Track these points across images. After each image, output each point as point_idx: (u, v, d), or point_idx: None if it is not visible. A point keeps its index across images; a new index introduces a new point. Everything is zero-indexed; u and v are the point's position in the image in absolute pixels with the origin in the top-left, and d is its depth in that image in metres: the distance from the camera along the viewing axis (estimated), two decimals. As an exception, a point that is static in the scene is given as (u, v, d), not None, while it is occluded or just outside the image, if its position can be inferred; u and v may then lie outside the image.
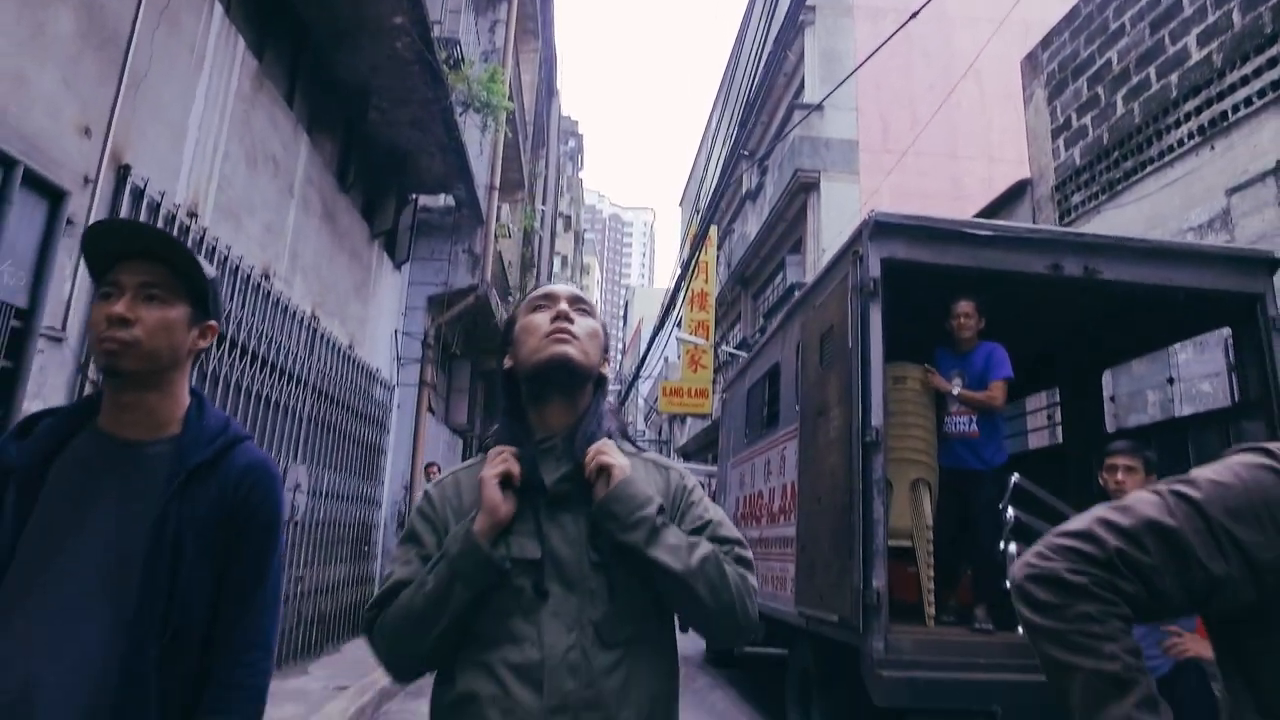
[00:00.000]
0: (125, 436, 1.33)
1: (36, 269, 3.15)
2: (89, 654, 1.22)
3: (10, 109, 2.95)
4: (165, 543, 1.26)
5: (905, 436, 4.21)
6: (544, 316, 1.32)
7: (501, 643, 1.20)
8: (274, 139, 5.43)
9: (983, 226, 4.10)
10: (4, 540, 1.23)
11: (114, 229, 1.42)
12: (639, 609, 1.25)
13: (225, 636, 1.31)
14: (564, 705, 1.15)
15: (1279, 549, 0.90)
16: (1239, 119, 5.88)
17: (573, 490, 1.27)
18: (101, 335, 1.27)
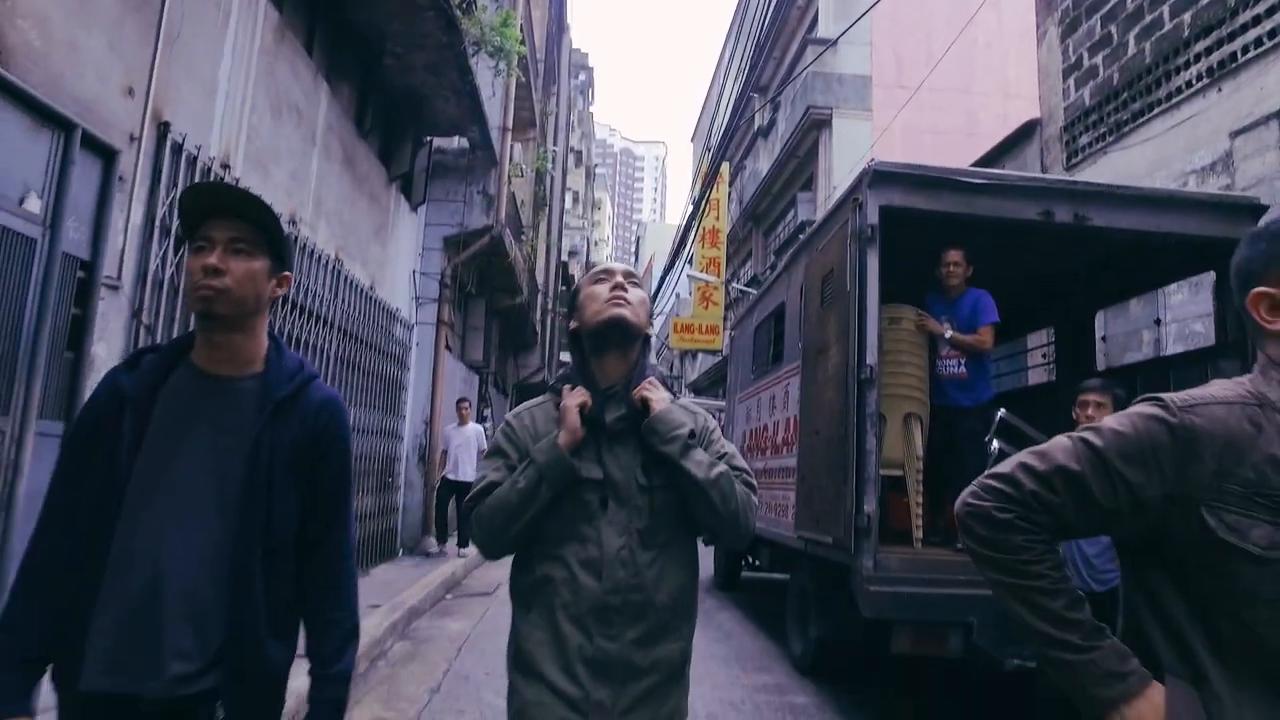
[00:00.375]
0: (216, 372, 1.50)
1: (95, 224, 3.42)
2: (204, 555, 1.41)
3: (66, 75, 3.18)
4: (260, 465, 1.46)
5: (899, 374, 4.48)
6: (603, 287, 1.68)
7: (570, 541, 1.59)
8: (296, 89, 5.61)
9: (976, 175, 4.29)
10: (126, 457, 1.42)
11: (206, 190, 1.56)
12: (671, 522, 1.64)
13: (317, 546, 1.53)
14: (616, 588, 1.56)
15: (1160, 488, 1.06)
16: (1248, 60, 5.92)
17: (626, 428, 1.64)
18: (197, 284, 1.44)
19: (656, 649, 1.59)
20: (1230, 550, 1.00)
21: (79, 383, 3.36)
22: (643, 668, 1.58)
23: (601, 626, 1.56)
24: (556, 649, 1.57)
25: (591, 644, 1.56)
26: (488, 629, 6.12)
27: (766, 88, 22.27)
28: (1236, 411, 1.05)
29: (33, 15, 2.99)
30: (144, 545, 1.39)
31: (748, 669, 5.18)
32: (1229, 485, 1.02)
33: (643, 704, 1.58)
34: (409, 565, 8.35)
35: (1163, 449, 1.06)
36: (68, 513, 1.41)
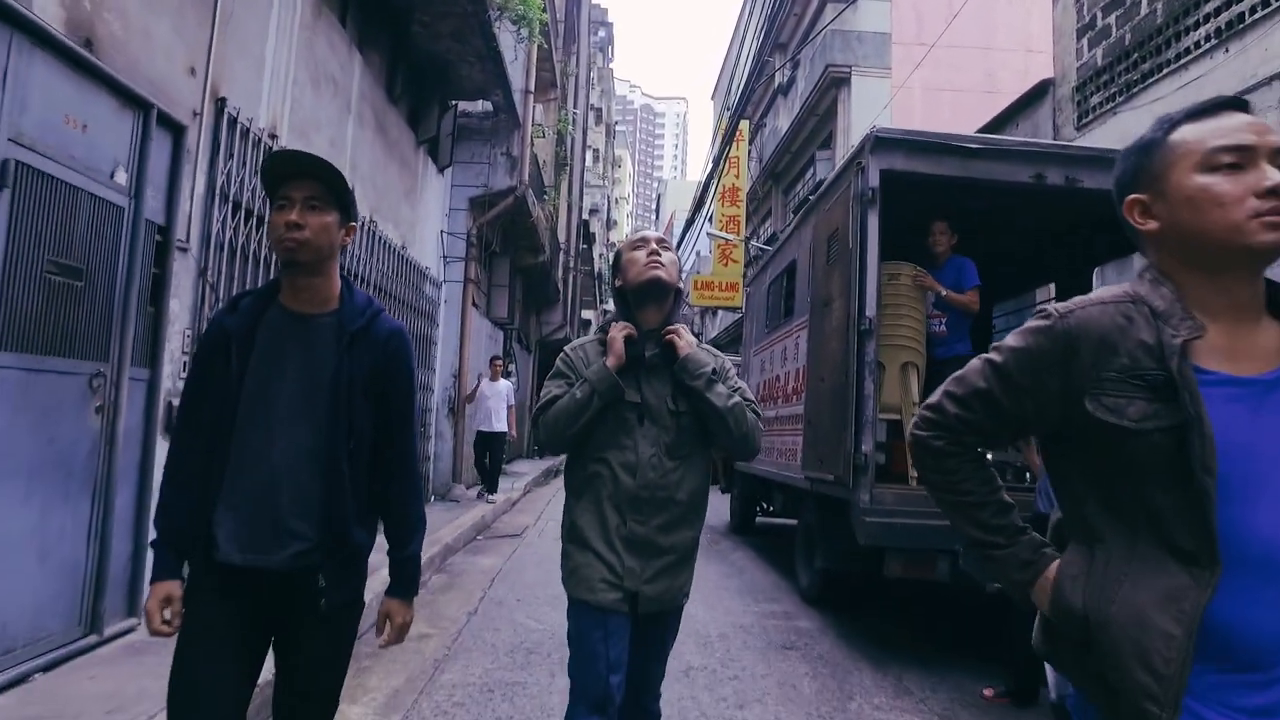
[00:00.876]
0: (301, 310, 1.78)
1: (168, 192, 3.82)
2: (302, 453, 1.71)
3: (141, 60, 3.55)
4: (341, 387, 1.74)
5: (897, 326, 4.81)
6: (641, 253, 2.12)
7: (613, 448, 2.06)
8: (333, 61, 5.94)
9: (972, 140, 4.56)
10: (235, 381, 1.72)
11: (285, 157, 1.77)
12: (691, 440, 2.11)
13: (388, 449, 1.83)
14: (646, 485, 2.03)
15: (1055, 386, 1.18)
16: (1256, 20, 6.05)
17: (661, 364, 2.09)
18: (282, 237, 1.69)
19: (674, 535, 2.07)
20: (1111, 428, 1.11)
21: (160, 334, 3.80)
22: (664, 547, 2.06)
23: (634, 514, 2.04)
24: (601, 527, 2.05)
25: (626, 526, 2.04)
26: (517, 565, 6.62)
27: (786, 45, 22.13)
28: (1110, 309, 1.17)
29: (115, 8, 3.35)
30: (256, 450, 1.71)
31: (759, 599, 5.63)
32: (1106, 373, 1.13)
33: (662, 575, 2.06)
34: (440, 509, 8.88)
35: (1050, 352, 1.18)
36: (196, 427, 1.76)
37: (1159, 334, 1.11)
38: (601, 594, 2.04)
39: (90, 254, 3.26)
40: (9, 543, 2.87)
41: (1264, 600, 1.04)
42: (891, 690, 3.80)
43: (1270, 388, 1.09)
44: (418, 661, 3.96)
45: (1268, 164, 1.09)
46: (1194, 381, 1.07)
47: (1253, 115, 1.15)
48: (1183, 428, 1.06)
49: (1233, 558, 1.05)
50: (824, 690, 3.76)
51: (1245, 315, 1.13)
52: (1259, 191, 1.07)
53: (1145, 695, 1.05)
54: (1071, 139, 8.52)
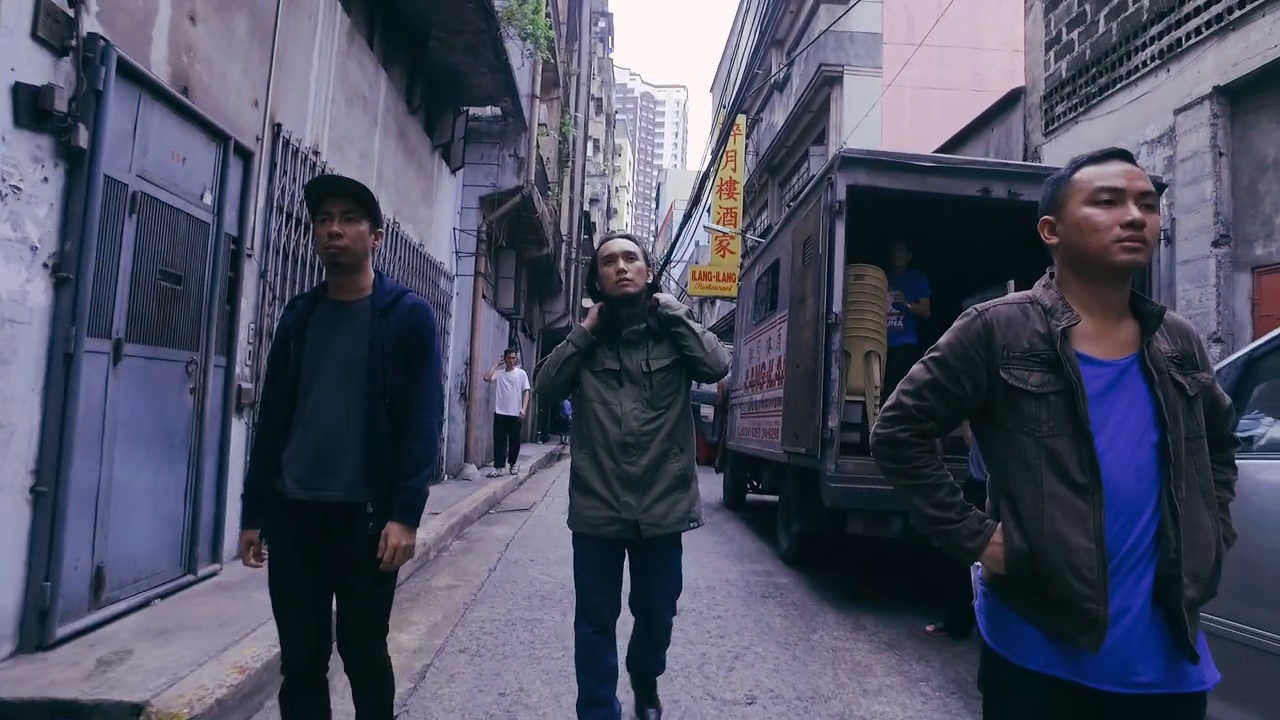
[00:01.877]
0: (343, 299, 2.19)
1: (240, 209, 4.52)
2: (348, 414, 2.11)
3: (221, 99, 4.24)
4: (376, 351, 2.12)
5: (861, 319, 5.52)
6: (611, 269, 2.64)
7: (602, 404, 2.63)
8: (362, 80, 6.62)
9: (926, 159, 5.26)
10: (295, 361, 2.15)
11: (325, 181, 2.22)
12: (667, 394, 2.65)
13: (411, 397, 2.16)
14: (631, 432, 2.59)
15: (982, 365, 1.46)
16: (1190, 46, 6.72)
17: (636, 339, 2.65)
18: (326, 245, 2.10)
19: (661, 469, 2.61)
20: (1019, 392, 1.42)
21: (234, 328, 4.51)
22: (653, 480, 2.59)
23: (624, 456, 2.59)
24: (597, 470, 2.62)
25: (618, 467, 2.59)
26: (527, 533, 7.36)
27: (783, 41, 22.69)
28: (1014, 307, 1.49)
29: (203, 58, 4.04)
30: (312, 411, 2.13)
31: (744, 561, 6.37)
32: (1013, 352, 1.44)
33: (658, 503, 2.59)
34: (454, 487, 9.61)
35: (975, 339, 1.48)
36: (271, 400, 2.21)
37: (1048, 324, 1.43)
38: (601, 527, 2.58)
39: (185, 263, 3.96)
40: (135, 496, 3.60)
41: (1110, 517, 1.36)
42: (850, 627, 4.54)
43: (1123, 370, 1.41)
44: (450, 604, 4.70)
45: (1133, 203, 1.39)
46: (1074, 358, 1.40)
47: (1132, 165, 1.44)
48: (1069, 390, 1.38)
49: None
50: (793, 627, 4.50)
51: (1111, 314, 1.44)
52: (1122, 223, 1.37)
53: (1083, 598, 1.32)
54: (1040, 145, 9.21)
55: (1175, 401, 1.40)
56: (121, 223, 3.39)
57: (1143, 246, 1.38)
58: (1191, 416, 1.42)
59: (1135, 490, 1.36)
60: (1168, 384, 1.40)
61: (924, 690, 3.50)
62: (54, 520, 3.00)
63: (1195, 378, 1.45)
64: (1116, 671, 1.34)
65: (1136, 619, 1.34)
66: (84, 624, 3.17)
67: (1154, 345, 1.43)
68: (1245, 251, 6.24)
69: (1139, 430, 1.38)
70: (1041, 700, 1.38)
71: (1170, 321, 1.48)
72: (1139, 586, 1.35)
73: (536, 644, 3.99)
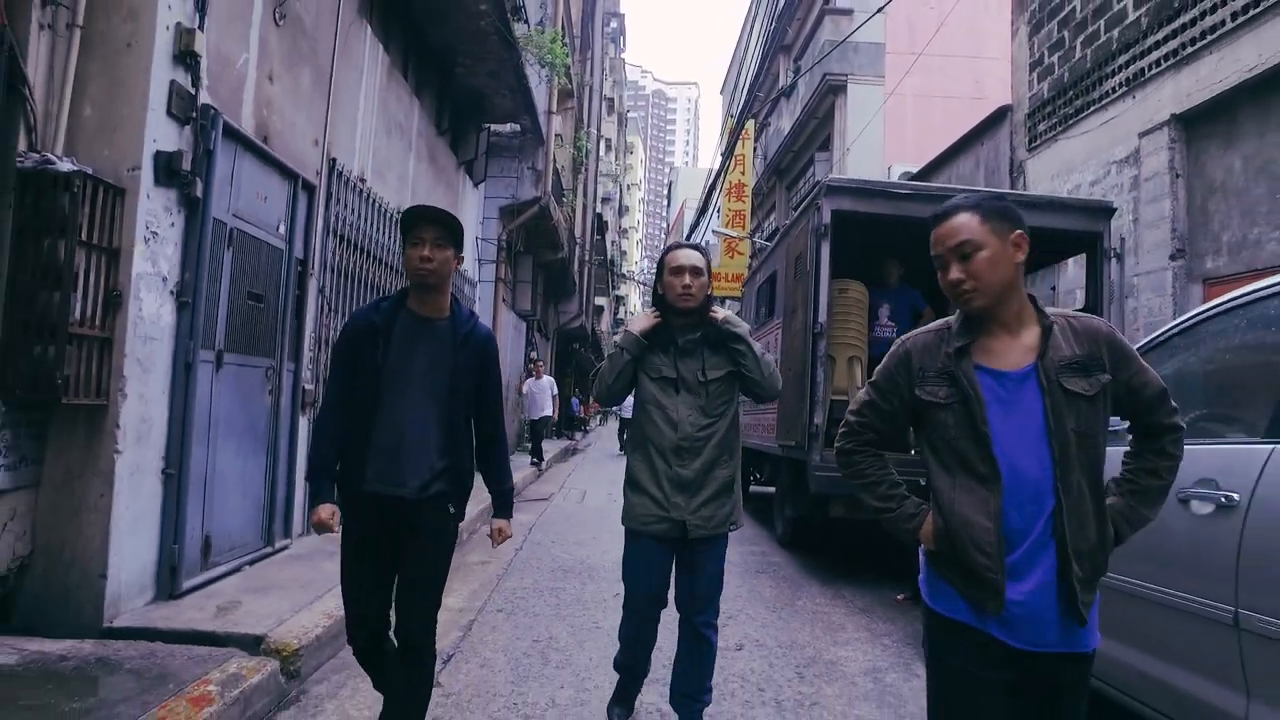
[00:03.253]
0: (425, 315, 2.39)
1: (305, 236, 5.26)
2: (430, 417, 2.33)
3: (291, 143, 4.98)
4: (458, 371, 2.37)
5: (845, 328, 6.20)
6: (677, 281, 2.67)
7: (659, 410, 2.70)
8: (399, 110, 7.35)
9: (901, 186, 5.94)
10: (382, 361, 2.31)
11: (421, 210, 2.40)
12: (720, 403, 2.70)
13: (485, 413, 2.50)
14: (685, 437, 2.66)
15: (905, 386, 1.73)
16: (1152, 75, 7.35)
17: (692, 347, 2.70)
18: (418, 267, 2.30)
19: (711, 474, 2.68)
20: (931, 405, 1.66)
21: (301, 337, 5.25)
22: (702, 484, 2.66)
23: (676, 460, 2.66)
24: (651, 472, 2.70)
25: (671, 469, 2.66)
26: (548, 520, 8.10)
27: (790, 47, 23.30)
28: (930, 335, 1.73)
29: (278, 109, 4.78)
30: (396, 413, 2.33)
31: (744, 543, 7.07)
32: (927, 373, 1.68)
33: (704, 505, 2.66)
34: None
35: (898, 364, 1.75)
36: (344, 396, 2.37)
37: (951, 345, 1.67)
38: (651, 525, 2.68)
39: (265, 284, 4.70)
40: (230, 480, 4.35)
41: (1012, 503, 1.58)
42: (830, 595, 5.24)
43: (1023, 377, 1.61)
44: (485, 576, 5.44)
45: (954, 263, 1.63)
46: (970, 372, 1.63)
47: (941, 225, 1.67)
48: (966, 400, 1.61)
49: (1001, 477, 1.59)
50: (781, 594, 5.20)
51: (1007, 327, 1.64)
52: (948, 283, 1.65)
53: (985, 569, 1.57)
54: (1024, 160, 9.84)
55: (1065, 404, 1.58)
56: (222, 254, 4.13)
57: (974, 294, 1.62)
58: (1090, 415, 1.59)
59: (1040, 479, 1.57)
60: (1057, 390, 1.58)
61: (884, 642, 4.21)
62: (179, 497, 3.74)
63: (1096, 379, 1.61)
64: (1025, 633, 1.57)
65: (1044, 589, 1.56)
66: (198, 581, 3.92)
67: (1049, 355, 1.61)
68: (1198, 265, 6.88)
69: (1039, 428, 1.58)
70: (969, 643, 1.61)
71: (1077, 327, 1.66)
72: (1045, 563, 1.57)
73: (561, 606, 4.71)
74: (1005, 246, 1.61)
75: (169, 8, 3.56)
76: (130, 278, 3.41)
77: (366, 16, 6.43)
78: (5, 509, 3.18)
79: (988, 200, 1.65)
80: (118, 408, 3.37)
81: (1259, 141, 6.26)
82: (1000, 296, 1.61)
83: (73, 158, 3.27)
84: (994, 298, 1.61)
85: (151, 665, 2.94)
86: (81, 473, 3.33)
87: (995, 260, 1.60)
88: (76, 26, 3.33)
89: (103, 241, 3.30)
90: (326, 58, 5.51)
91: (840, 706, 3.27)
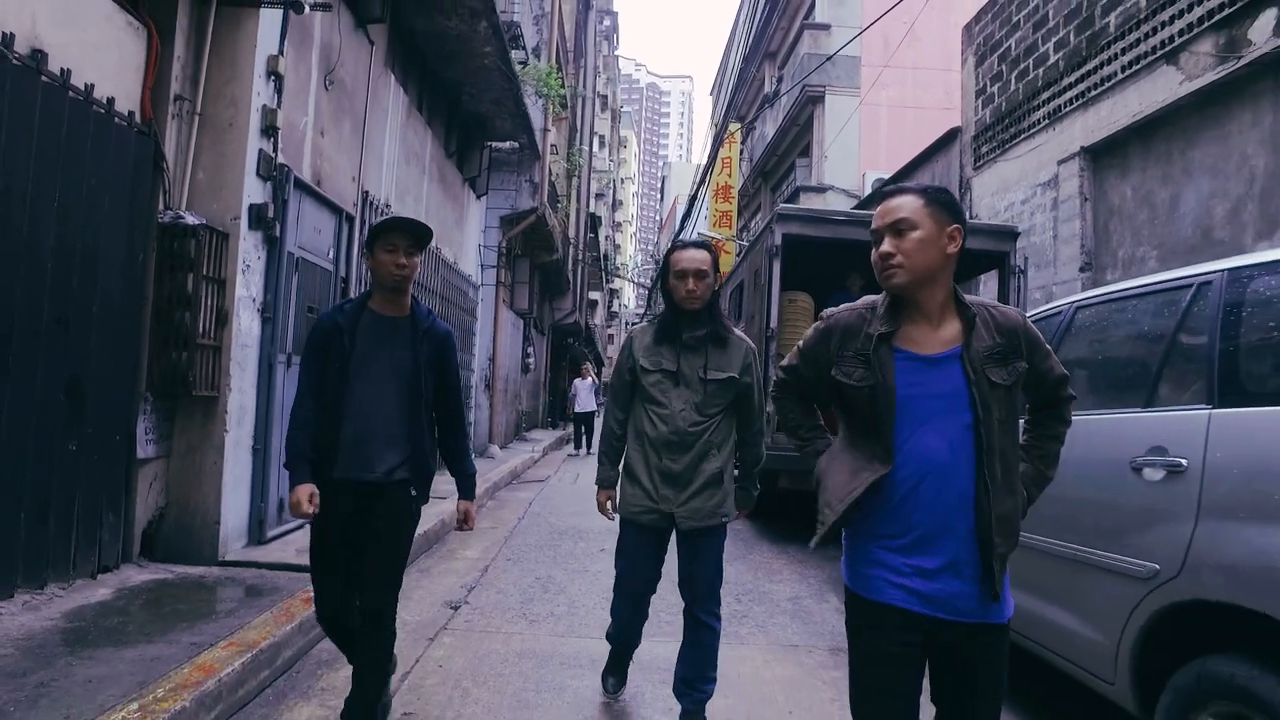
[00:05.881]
0: (387, 314, 2.54)
1: (346, 257, 6.39)
2: (393, 408, 2.49)
3: (336, 182, 6.11)
4: (418, 364, 2.52)
5: (794, 332, 7.35)
6: (682, 285, 2.72)
7: (655, 405, 2.75)
8: (415, 140, 8.48)
9: (839, 213, 7.12)
10: (348, 357, 2.46)
11: (396, 220, 2.55)
12: (716, 405, 2.74)
13: (445, 403, 2.64)
14: (677, 432, 2.70)
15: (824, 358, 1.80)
16: (1067, 112, 8.51)
17: (697, 344, 2.74)
18: (392, 272, 2.46)
19: (700, 467, 2.70)
20: (844, 385, 1.73)
21: (342, 341, 6.39)
22: (691, 478, 2.70)
23: (668, 453, 2.70)
24: (644, 464, 2.75)
25: (661, 462, 2.71)
26: (545, 496, 9.28)
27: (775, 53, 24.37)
28: (854, 313, 1.78)
29: (328, 157, 5.91)
30: (362, 404, 2.48)
31: (711, 516, 8.25)
32: (845, 352, 1.74)
33: (694, 498, 2.70)
34: (480, 462, 11.51)
35: (819, 338, 1.83)
36: (317, 387, 2.49)
37: (874, 329, 1.70)
38: (641, 516, 2.74)
39: (319, 299, 5.84)
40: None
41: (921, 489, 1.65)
42: (778, 550, 6.43)
43: (941, 361, 1.67)
44: (494, 537, 6.60)
45: (888, 236, 1.67)
46: (886, 357, 1.67)
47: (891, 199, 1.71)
48: (879, 385, 1.67)
49: (902, 460, 1.65)
50: (736, 549, 6.38)
51: (930, 318, 1.70)
52: (878, 257, 1.69)
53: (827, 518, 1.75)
54: (970, 177, 11.00)
55: (989, 392, 1.64)
56: (292, 279, 5.27)
57: (897, 270, 1.65)
58: (1007, 402, 1.67)
59: (948, 461, 1.63)
60: (983, 380, 1.64)
61: (809, 581, 5.39)
62: (264, 468, 4.89)
63: (1014, 367, 1.68)
64: (945, 603, 1.62)
65: (963, 564, 1.62)
66: (276, 532, 5.08)
67: (974, 347, 1.66)
68: (1101, 277, 8.05)
69: (953, 412, 1.64)
70: (884, 619, 1.66)
71: (998, 319, 1.72)
72: (956, 539, 1.63)
73: (558, 557, 5.88)
74: (940, 235, 1.65)
75: (258, 94, 4.69)
76: (233, 301, 4.55)
77: (390, 67, 7.55)
78: (150, 472, 4.34)
79: (934, 190, 1.70)
80: (225, 398, 4.52)
81: (1143, 175, 7.44)
82: (922, 281, 1.66)
83: (193, 211, 4.41)
84: (916, 279, 1.65)
85: (264, 582, 4.11)
86: (200, 446, 4.48)
87: (926, 243, 1.64)
88: (196, 114, 4.47)
89: (215, 274, 4.44)
90: (361, 107, 6.64)
91: (763, 619, 4.45)
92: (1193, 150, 6.83)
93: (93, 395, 3.83)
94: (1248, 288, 2.28)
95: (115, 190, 3.95)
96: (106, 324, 3.93)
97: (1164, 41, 6.92)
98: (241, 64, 4.60)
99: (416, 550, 5.33)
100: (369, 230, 2.64)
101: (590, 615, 4.35)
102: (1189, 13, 6.61)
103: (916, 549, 1.65)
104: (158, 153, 4.26)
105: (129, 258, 4.09)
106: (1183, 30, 6.68)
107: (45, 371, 3.55)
